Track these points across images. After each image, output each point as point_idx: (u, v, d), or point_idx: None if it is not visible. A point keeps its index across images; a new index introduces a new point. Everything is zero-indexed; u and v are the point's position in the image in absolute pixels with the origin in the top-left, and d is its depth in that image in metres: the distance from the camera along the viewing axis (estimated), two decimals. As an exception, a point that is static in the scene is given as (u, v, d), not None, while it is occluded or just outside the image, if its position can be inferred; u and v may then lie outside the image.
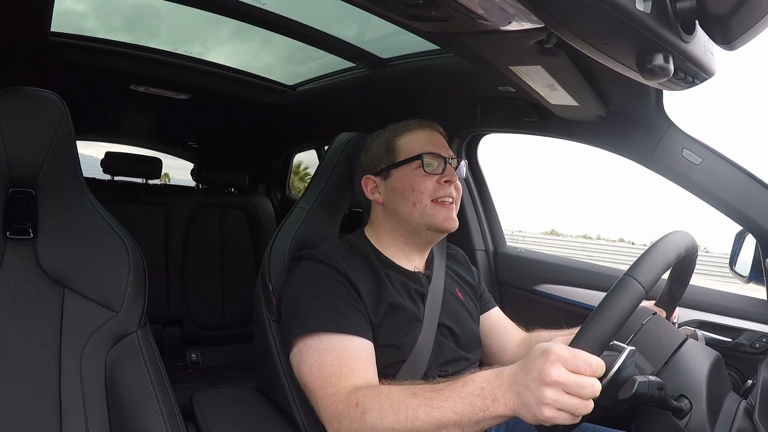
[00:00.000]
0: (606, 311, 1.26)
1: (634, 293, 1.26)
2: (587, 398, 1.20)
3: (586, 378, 1.20)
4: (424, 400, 1.41)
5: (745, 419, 1.45)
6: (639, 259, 1.35)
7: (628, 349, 1.30)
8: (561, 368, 1.20)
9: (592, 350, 1.23)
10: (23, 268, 1.70)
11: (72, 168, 1.83)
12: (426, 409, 1.39)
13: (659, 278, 1.34)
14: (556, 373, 1.20)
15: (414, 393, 1.45)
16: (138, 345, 1.76)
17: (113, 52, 3.21)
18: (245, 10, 2.60)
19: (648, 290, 1.28)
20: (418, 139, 2.02)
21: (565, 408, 1.20)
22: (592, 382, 1.20)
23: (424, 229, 1.97)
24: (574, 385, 1.19)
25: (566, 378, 1.19)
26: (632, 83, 1.51)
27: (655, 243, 1.41)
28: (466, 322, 2.10)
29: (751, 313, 2.21)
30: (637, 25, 1.09)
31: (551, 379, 1.20)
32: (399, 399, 1.45)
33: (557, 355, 1.21)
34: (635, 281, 1.27)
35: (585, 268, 2.90)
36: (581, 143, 2.59)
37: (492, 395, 1.32)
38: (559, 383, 1.19)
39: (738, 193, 2.13)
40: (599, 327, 1.25)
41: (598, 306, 1.28)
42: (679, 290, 1.82)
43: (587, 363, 1.21)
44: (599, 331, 1.25)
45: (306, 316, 1.76)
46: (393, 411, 1.43)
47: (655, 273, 1.32)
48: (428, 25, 1.78)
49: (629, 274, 1.30)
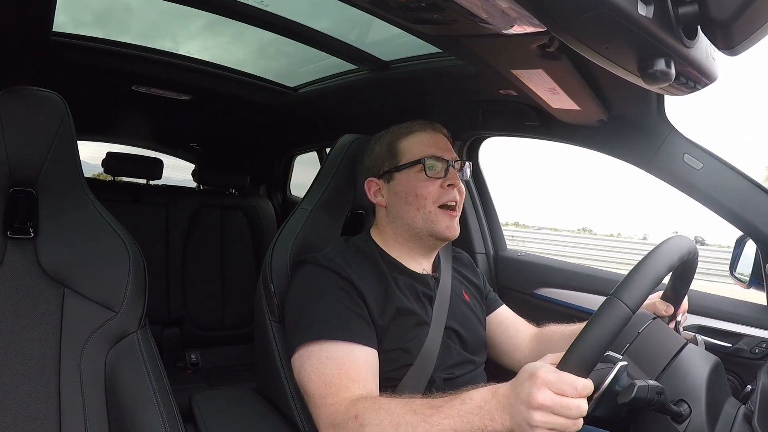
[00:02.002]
0: (591, 333, 1.26)
1: (620, 315, 1.26)
2: (574, 419, 1.23)
3: (571, 400, 1.22)
4: (423, 417, 1.42)
5: (744, 424, 1.45)
6: (626, 277, 1.34)
7: (620, 365, 1.32)
8: (547, 392, 1.22)
9: (578, 372, 1.24)
10: (23, 267, 1.70)
11: (73, 168, 1.83)
12: (425, 426, 1.40)
13: (647, 296, 1.33)
14: (542, 397, 1.22)
15: (413, 409, 1.45)
16: (138, 345, 1.75)
17: (115, 52, 3.21)
18: (246, 11, 2.59)
19: (635, 311, 1.28)
20: (420, 141, 2.00)
21: (555, 428, 1.22)
22: (578, 404, 1.22)
23: (426, 236, 1.96)
24: (559, 408, 1.21)
25: (552, 401, 1.22)
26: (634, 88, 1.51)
27: (643, 259, 1.39)
28: (473, 324, 2.10)
29: (751, 318, 2.21)
30: (639, 30, 1.10)
31: (538, 403, 1.22)
32: (399, 415, 1.45)
33: (543, 380, 1.24)
34: (621, 303, 1.27)
35: (585, 272, 2.90)
36: (582, 147, 2.59)
37: (489, 414, 1.34)
38: (546, 407, 1.22)
39: (739, 198, 2.13)
40: (585, 349, 1.26)
41: (584, 327, 1.28)
42: (683, 287, 1.82)
43: (572, 386, 1.22)
44: (585, 352, 1.25)
45: (308, 323, 1.76)
46: (392, 427, 1.44)
47: (643, 292, 1.31)
48: (430, 28, 1.78)
49: (615, 295, 1.29)
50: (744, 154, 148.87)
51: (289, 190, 5.59)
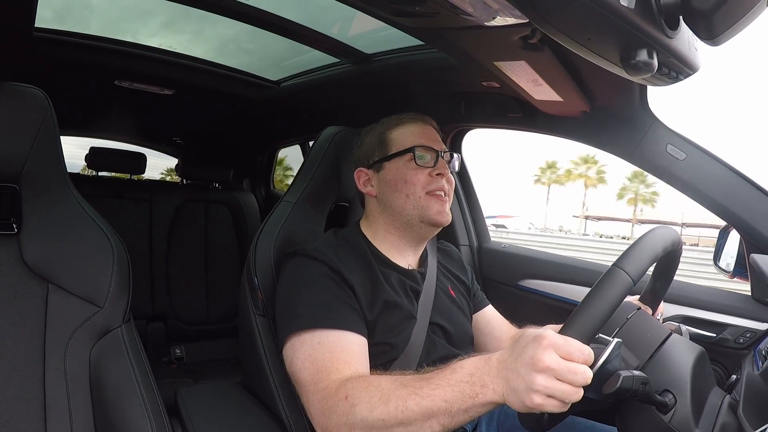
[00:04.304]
0: (595, 301, 1.26)
1: (623, 283, 1.27)
2: (579, 385, 1.19)
3: (578, 365, 1.18)
4: (413, 389, 1.40)
5: (730, 414, 1.45)
6: (627, 250, 1.35)
7: (615, 341, 1.30)
8: (553, 354, 1.19)
9: (581, 339, 1.23)
10: (7, 263, 1.69)
11: (56, 163, 1.81)
12: (416, 399, 1.38)
13: (647, 270, 1.35)
14: (548, 358, 1.18)
15: (403, 383, 1.44)
16: (122, 340, 1.74)
17: (98, 47, 3.20)
18: (228, 5, 2.58)
19: (636, 281, 1.28)
20: (411, 132, 2.01)
21: (555, 395, 1.18)
22: (584, 369, 1.19)
23: (418, 222, 1.96)
24: (566, 371, 1.17)
25: (559, 364, 1.18)
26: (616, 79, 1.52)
27: (642, 236, 1.41)
28: (459, 320, 2.10)
29: (736, 308, 2.22)
30: (620, 21, 1.10)
31: (543, 365, 1.18)
32: (388, 390, 1.44)
33: (550, 341, 1.20)
34: (623, 272, 1.28)
35: (569, 263, 2.91)
36: (565, 139, 2.60)
37: (481, 381, 1.31)
38: (552, 369, 1.18)
39: (722, 188, 2.14)
40: (588, 316, 1.25)
41: (587, 295, 1.28)
42: (663, 287, 1.83)
43: (580, 350, 1.20)
44: (588, 320, 1.25)
45: (299, 313, 1.75)
46: (382, 402, 1.42)
47: (643, 265, 1.33)
48: (412, 20, 1.78)
49: (617, 265, 1.30)
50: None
51: (272, 184, 5.58)
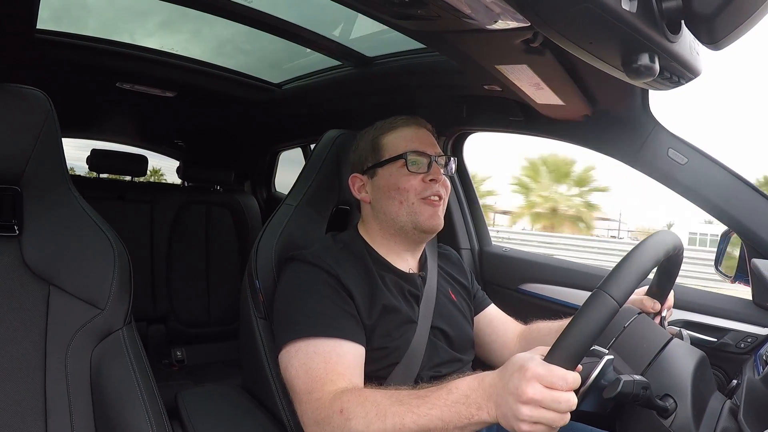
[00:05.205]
0: (578, 326, 1.26)
1: (607, 308, 1.26)
2: (564, 412, 1.23)
3: (561, 393, 1.22)
4: (410, 407, 1.41)
5: (730, 419, 1.45)
6: (613, 270, 1.34)
7: (605, 359, 1.33)
8: (537, 385, 1.22)
9: (566, 364, 1.24)
10: (8, 265, 1.69)
11: (58, 165, 1.81)
12: (413, 417, 1.39)
13: (634, 290, 1.33)
14: (532, 390, 1.22)
15: (400, 400, 1.45)
16: (123, 343, 1.74)
17: (99, 49, 3.20)
18: (232, 8, 2.58)
19: (622, 304, 1.28)
20: (403, 137, 2.00)
21: (541, 422, 1.22)
22: (568, 397, 1.22)
23: (411, 229, 1.95)
24: (550, 401, 1.21)
25: (542, 394, 1.21)
26: (618, 83, 1.52)
27: (631, 252, 1.39)
28: (460, 323, 2.09)
29: (737, 313, 2.22)
30: (622, 25, 1.10)
31: (527, 397, 1.22)
32: (385, 406, 1.45)
33: (533, 372, 1.23)
34: (608, 296, 1.27)
35: (570, 267, 2.91)
36: (567, 142, 2.60)
37: (476, 404, 1.34)
38: (536, 400, 1.21)
39: (724, 193, 2.14)
40: (573, 342, 1.26)
41: (571, 320, 1.28)
42: (668, 283, 1.83)
43: (563, 379, 1.22)
44: (573, 345, 1.25)
45: (296, 320, 1.75)
46: (379, 418, 1.43)
47: (629, 285, 1.31)
48: (414, 23, 1.78)
49: (602, 288, 1.29)
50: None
51: (273, 187, 5.57)
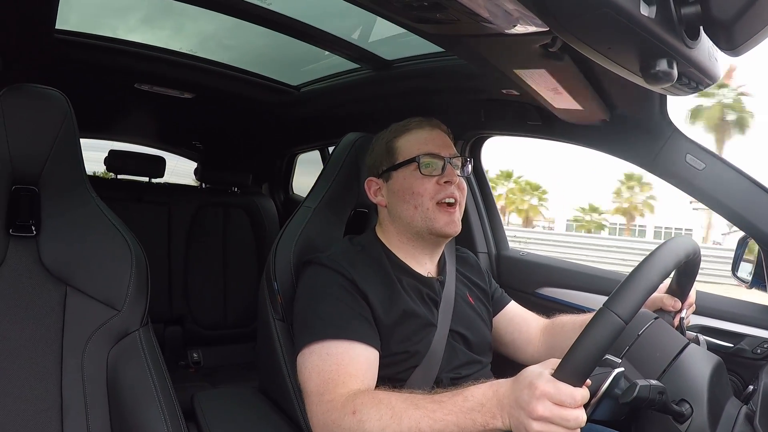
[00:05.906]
0: (584, 345, 1.27)
1: (613, 326, 1.26)
2: (573, 429, 1.26)
3: (570, 411, 1.25)
4: (426, 412, 1.42)
5: (746, 424, 1.45)
6: (619, 287, 1.33)
7: (615, 372, 1.34)
8: (546, 403, 1.25)
9: (575, 382, 1.26)
10: (25, 265, 1.70)
11: (75, 166, 1.83)
12: (429, 422, 1.41)
13: (641, 306, 1.32)
14: (542, 408, 1.25)
15: (415, 404, 1.46)
16: (140, 344, 1.75)
17: (118, 50, 3.21)
18: (250, 9, 2.59)
19: (628, 321, 1.28)
20: (417, 139, 1.99)
21: None
22: (577, 414, 1.25)
23: (427, 234, 1.94)
24: (559, 419, 1.24)
25: (552, 412, 1.25)
26: (636, 88, 1.51)
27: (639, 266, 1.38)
28: (478, 327, 2.09)
29: (753, 318, 2.21)
30: (641, 30, 1.10)
31: (537, 414, 1.25)
32: (401, 409, 1.46)
33: (542, 391, 1.26)
34: (613, 314, 1.27)
35: (587, 271, 2.90)
36: (584, 147, 2.59)
37: (491, 412, 1.37)
38: (545, 418, 1.25)
39: (741, 199, 2.13)
40: (580, 360, 1.27)
41: (578, 338, 1.29)
42: (687, 282, 1.83)
43: (571, 396, 1.25)
44: (580, 363, 1.26)
45: (311, 323, 1.76)
46: (395, 421, 1.44)
47: (636, 303, 1.30)
48: (433, 27, 1.78)
49: (608, 305, 1.29)
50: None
51: (291, 189, 5.57)
